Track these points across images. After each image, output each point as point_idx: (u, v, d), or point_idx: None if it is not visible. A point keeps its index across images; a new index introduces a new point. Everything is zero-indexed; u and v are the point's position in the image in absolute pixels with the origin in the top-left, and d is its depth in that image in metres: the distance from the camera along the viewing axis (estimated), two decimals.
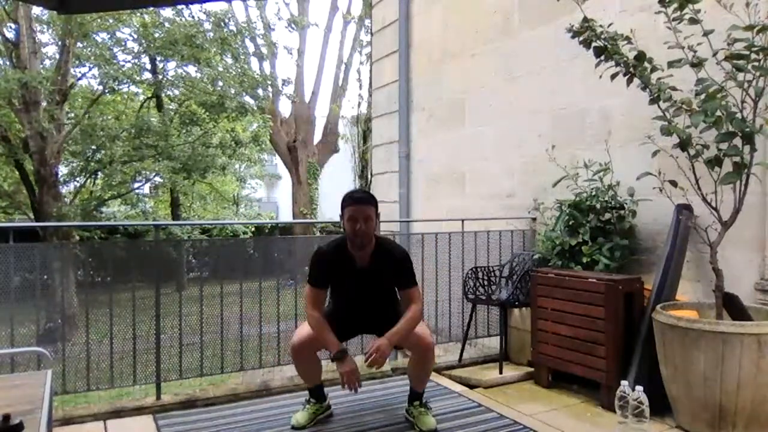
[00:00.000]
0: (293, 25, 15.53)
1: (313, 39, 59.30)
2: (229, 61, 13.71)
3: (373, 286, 2.90)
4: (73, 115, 13.15)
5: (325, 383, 3.12)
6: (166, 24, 12.14)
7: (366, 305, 2.98)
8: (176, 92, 13.50)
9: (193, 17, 12.89)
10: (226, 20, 13.01)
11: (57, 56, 12.33)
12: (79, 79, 12.76)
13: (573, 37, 3.23)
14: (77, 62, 12.12)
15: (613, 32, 3.14)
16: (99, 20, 11.41)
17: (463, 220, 4.47)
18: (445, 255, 4.36)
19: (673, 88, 3.02)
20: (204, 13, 12.97)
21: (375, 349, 2.66)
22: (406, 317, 2.78)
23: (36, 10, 10.84)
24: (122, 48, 12.46)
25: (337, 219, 2.93)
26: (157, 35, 11.99)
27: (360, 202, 2.75)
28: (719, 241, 3.01)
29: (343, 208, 2.78)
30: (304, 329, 2.91)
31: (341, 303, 3.00)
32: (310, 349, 2.91)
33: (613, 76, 3.17)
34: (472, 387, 3.76)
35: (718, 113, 2.82)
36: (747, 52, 2.76)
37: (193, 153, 12.96)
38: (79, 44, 11.74)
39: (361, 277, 2.85)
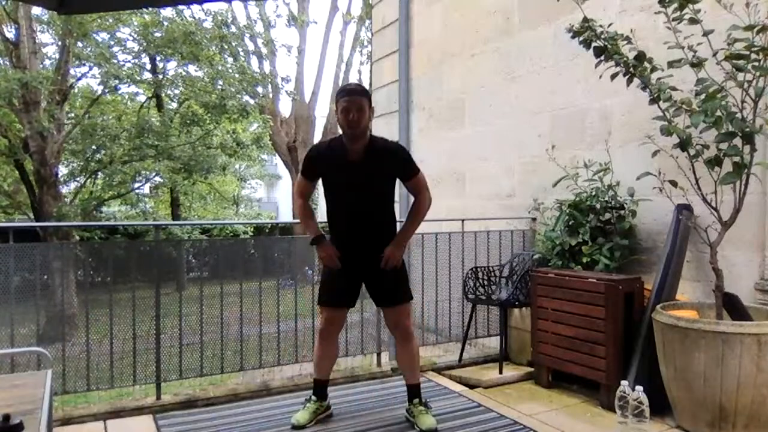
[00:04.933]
0: (292, 22, 15.50)
1: (313, 38, 59.34)
2: (229, 60, 13.71)
3: (367, 182, 2.85)
4: (73, 115, 13.15)
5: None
6: (165, 23, 12.13)
7: (361, 208, 2.89)
8: (176, 92, 13.49)
9: (193, 17, 12.90)
10: (228, 22, 13.01)
11: (57, 56, 12.33)
12: (79, 79, 12.77)
13: (573, 37, 3.23)
14: (77, 62, 12.12)
15: (613, 32, 3.14)
16: (99, 20, 11.41)
17: (463, 220, 4.47)
18: (445, 255, 4.36)
19: (673, 88, 3.02)
20: (204, 12, 13.00)
21: (386, 258, 2.87)
22: (410, 214, 2.99)
23: (36, 10, 10.84)
24: (122, 48, 12.46)
25: None
26: (156, 34, 11.99)
27: (353, 93, 2.76)
28: (719, 241, 3.01)
29: (337, 100, 2.80)
30: (323, 314, 3.02)
31: (338, 208, 2.93)
32: (334, 332, 3.03)
33: (613, 76, 3.17)
34: (472, 387, 3.76)
35: (718, 113, 2.82)
36: (747, 52, 2.76)
37: (194, 153, 12.96)
38: (79, 44, 11.74)
39: (353, 170, 2.81)
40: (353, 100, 2.72)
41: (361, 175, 2.82)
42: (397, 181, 3.00)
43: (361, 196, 2.88)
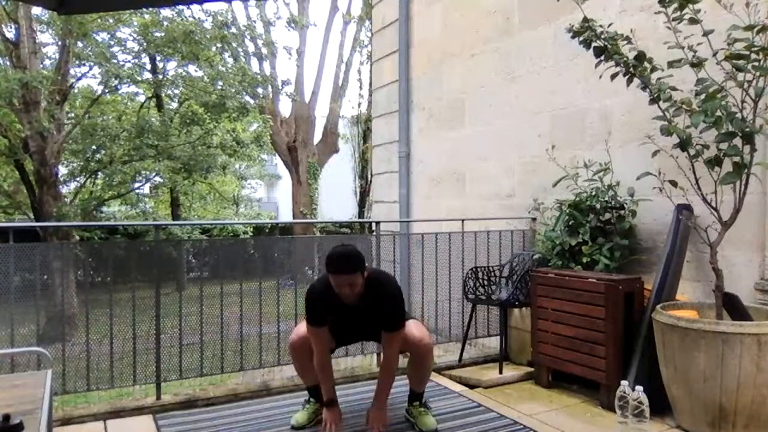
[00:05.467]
0: (293, 24, 15.53)
1: (313, 39, 59.35)
2: (230, 60, 13.72)
3: (364, 320, 2.88)
4: (73, 115, 13.15)
5: None
6: (165, 23, 12.14)
7: (361, 330, 3.06)
8: (176, 92, 13.51)
9: (193, 17, 12.91)
10: (228, 23, 13.02)
11: (57, 56, 12.33)
12: (79, 79, 12.76)
13: (573, 37, 3.23)
14: (77, 62, 12.12)
15: (613, 32, 3.14)
16: (99, 20, 11.40)
17: (463, 220, 4.47)
18: (445, 255, 4.36)
19: (673, 88, 3.02)
20: (204, 12, 13.01)
21: (376, 426, 2.84)
22: (382, 372, 2.98)
23: (36, 10, 10.83)
24: (122, 48, 12.47)
25: (337, 219, 2.98)
26: (156, 34, 12.00)
27: (341, 273, 2.67)
28: (719, 241, 3.01)
29: (327, 270, 2.72)
30: (302, 327, 2.94)
31: (338, 326, 3.00)
32: (309, 348, 2.92)
33: (613, 76, 3.17)
34: (472, 387, 3.76)
35: (718, 113, 2.82)
36: (747, 52, 2.76)
37: (194, 153, 12.96)
38: (79, 44, 11.74)
39: (350, 312, 2.82)
40: (343, 279, 2.66)
41: (358, 315, 2.84)
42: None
43: (360, 327, 2.99)
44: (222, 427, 2.99)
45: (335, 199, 21.15)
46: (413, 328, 2.90)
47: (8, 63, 11.08)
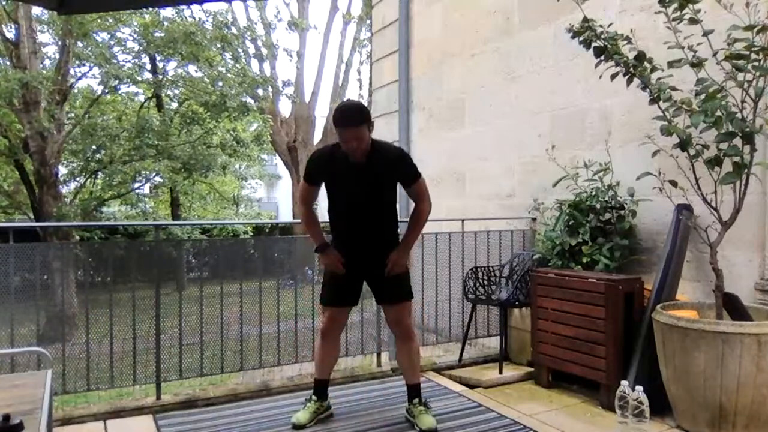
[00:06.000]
0: (293, 27, 15.55)
1: (313, 39, 59.36)
2: (230, 61, 13.73)
3: (368, 186, 2.85)
4: (73, 115, 13.16)
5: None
6: (165, 23, 12.15)
7: (362, 210, 2.91)
8: (176, 92, 13.51)
9: (193, 17, 12.92)
10: (228, 23, 13.04)
11: (57, 56, 12.34)
12: (79, 79, 12.78)
13: (573, 37, 3.23)
14: (77, 62, 12.12)
15: (613, 32, 3.14)
16: (99, 20, 11.41)
17: (463, 220, 4.47)
18: (445, 255, 4.36)
19: (673, 88, 3.02)
20: (204, 12, 13.02)
21: (391, 265, 2.90)
22: (411, 222, 3.00)
23: (36, 10, 10.84)
24: (122, 48, 12.48)
25: None
26: (156, 34, 12.01)
27: (348, 125, 2.65)
28: (719, 241, 3.01)
29: (334, 124, 2.72)
30: (326, 312, 3.02)
31: (340, 208, 2.96)
32: (336, 331, 3.06)
33: (613, 76, 3.17)
34: (472, 387, 3.76)
35: (718, 113, 2.82)
36: (747, 52, 2.76)
37: (194, 152, 12.97)
38: (79, 44, 11.74)
39: (355, 174, 2.80)
40: (350, 132, 2.66)
41: (363, 179, 2.82)
42: None
43: (362, 199, 2.90)
44: (222, 427, 2.99)
45: None
46: (404, 311, 2.99)
47: (8, 63, 11.09)
